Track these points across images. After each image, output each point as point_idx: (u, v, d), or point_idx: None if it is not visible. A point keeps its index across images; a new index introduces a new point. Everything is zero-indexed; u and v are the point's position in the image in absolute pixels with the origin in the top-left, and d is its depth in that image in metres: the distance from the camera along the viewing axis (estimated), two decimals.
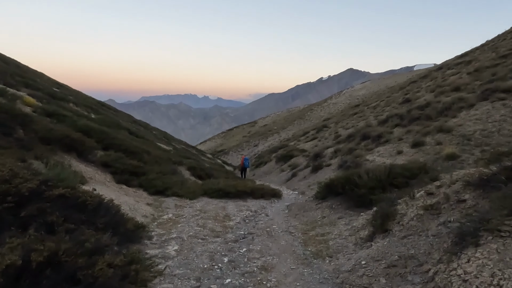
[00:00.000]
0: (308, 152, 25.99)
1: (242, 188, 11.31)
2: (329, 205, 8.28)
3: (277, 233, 6.71)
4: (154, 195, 10.07)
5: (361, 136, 17.15)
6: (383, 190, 7.17)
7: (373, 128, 18.00)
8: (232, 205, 9.95)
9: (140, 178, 10.50)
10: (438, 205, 4.45)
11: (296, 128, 74.65)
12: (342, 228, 6.35)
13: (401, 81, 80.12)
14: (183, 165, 16.03)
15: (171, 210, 8.53)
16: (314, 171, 16.43)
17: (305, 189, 14.24)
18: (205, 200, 10.29)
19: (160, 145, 21.82)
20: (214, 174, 17.12)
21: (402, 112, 17.58)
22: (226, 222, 7.62)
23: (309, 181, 15.53)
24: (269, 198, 11.73)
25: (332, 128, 36.17)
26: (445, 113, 13.90)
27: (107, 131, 12.69)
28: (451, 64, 36.37)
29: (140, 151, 13.02)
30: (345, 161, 14.22)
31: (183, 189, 10.57)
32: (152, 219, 7.45)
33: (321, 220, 7.48)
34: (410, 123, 15.10)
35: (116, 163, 10.19)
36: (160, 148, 19.61)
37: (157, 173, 11.37)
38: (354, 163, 13.20)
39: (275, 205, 10.85)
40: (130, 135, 18.42)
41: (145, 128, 50.67)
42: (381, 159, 12.71)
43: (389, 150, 13.36)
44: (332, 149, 18.76)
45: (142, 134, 23.92)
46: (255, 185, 12.54)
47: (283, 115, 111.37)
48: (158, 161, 13.34)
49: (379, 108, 33.22)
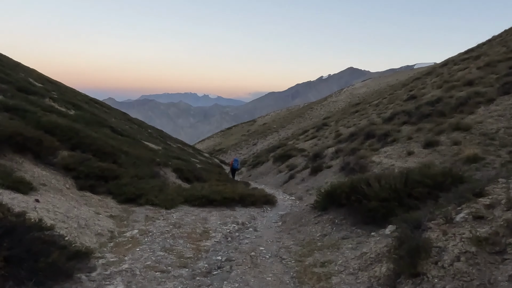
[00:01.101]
0: (307, 152, 24.47)
1: (230, 195, 9.78)
2: (331, 219, 6.75)
3: (264, 260, 5.19)
4: (124, 204, 8.55)
5: (365, 135, 15.62)
6: (400, 203, 5.65)
7: (377, 126, 16.48)
8: (216, 216, 8.43)
9: (110, 184, 8.98)
10: (498, 238, 2.93)
11: (296, 127, 73.23)
12: (349, 254, 4.83)
13: (402, 79, 78.56)
14: (169, 167, 14.50)
15: (139, 225, 7.00)
16: (313, 174, 14.91)
17: (303, 194, 12.72)
18: (184, 210, 8.76)
19: (148, 144, 20.30)
20: (204, 177, 15.59)
21: (409, 109, 16.06)
22: (202, 242, 6.09)
23: (307, 184, 14.00)
24: (261, 205, 10.21)
25: (333, 127, 34.66)
26: (460, 109, 12.38)
27: (78, 128, 11.15)
28: (456, 60, 34.88)
29: (116, 152, 11.49)
30: (347, 163, 12.70)
31: (160, 196, 9.05)
32: (108, 239, 5.93)
33: (321, 240, 5.96)
34: (420, 121, 13.57)
35: (80, 166, 8.66)
36: (147, 148, 18.10)
37: (132, 177, 9.84)
38: (358, 165, 11.68)
39: (267, 215, 9.33)
40: (112, 134, 16.89)
41: (140, 127, 49.20)
42: (389, 161, 11.20)
43: (397, 150, 11.83)
44: (333, 149, 17.24)
45: (129, 132, 22.39)
46: (246, 190, 11.02)
47: (283, 113, 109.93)
48: (136, 162, 11.80)
49: (382, 105, 31.70)
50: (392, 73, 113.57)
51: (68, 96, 27.06)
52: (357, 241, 5.37)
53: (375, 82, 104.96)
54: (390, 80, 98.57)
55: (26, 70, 36.04)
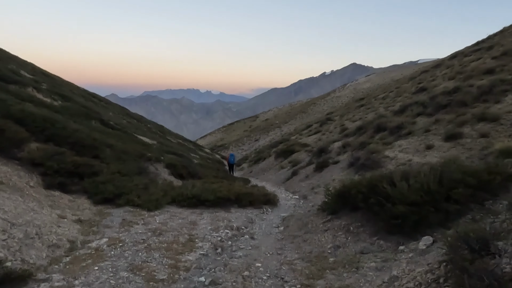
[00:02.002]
0: (311, 147, 23.20)
1: (225, 194, 8.54)
2: (344, 226, 5.51)
3: (260, 283, 3.96)
4: (100, 205, 7.34)
5: (375, 128, 14.33)
6: (436, 208, 4.40)
7: (388, 118, 15.17)
8: (207, 219, 7.21)
9: (85, 181, 7.77)
10: None
11: (299, 122, 71.88)
12: (374, 278, 3.59)
13: (407, 73, 76.89)
14: (161, 162, 13.28)
15: (110, 231, 5.79)
16: (319, 170, 13.64)
17: (308, 192, 11.47)
18: (170, 212, 7.54)
19: (142, 138, 19.09)
20: (200, 173, 14.37)
21: (423, 100, 14.74)
22: (184, 256, 4.86)
23: (312, 182, 12.74)
24: (260, 206, 8.96)
25: (337, 121, 33.30)
26: (484, 98, 11.06)
27: (56, 119, 9.94)
28: (467, 52, 33.39)
29: (99, 145, 10.28)
30: (357, 158, 11.42)
31: (143, 196, 7.83)
32: (66, 251, 4.72)
33: (334, 254, 4.72)
34: (437, 111, 12.26)
35: (49, 161, 7.44)
36: (140, 142, 16.89)
37: (113, 173, 8.63)
38: (370, 160, 10.41)
39: (267, 217, 8.09)
40: (102, 126, 15.70)
41: (139, 122, 48.23)
42: (405, 156, 9.91)
43: (414, 144, 10.54)
44: (340, 143, 15.95)
45: (124, 126, 21.20)
46: (243, 188, 9.77)
47: (285, 109, 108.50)
48: (122, 157, 10.59)
49: (389, 99, 30.30)
50: (397, 68, 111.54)
51: (60, 88, 25.90)
52: (382, 257, 4.13)
53: (379, 77, 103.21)
54: (394, 75, 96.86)
55: (21, 63, 35.00)
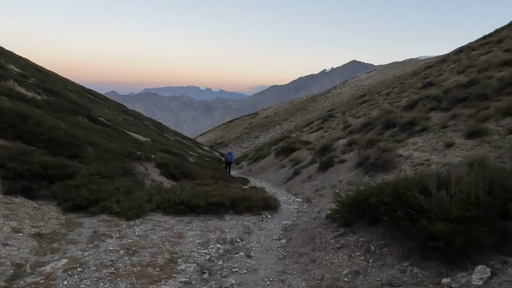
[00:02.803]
0: (313, 145, 22.13)
1: (218, 199, 7.45)
2: (362, 244, 4.43)
3: None
4: (72, 213, 6.26)
5: (383, 124, 13.23)
6: (490, 228, 3.32)
7: (397, 113, 14.07)
8: (197, 230, 6.13)
9: (56, 185, 6.69)
10: None
11: (299, 120, 70.84)
12: None
13: (409, 70, 75.67)
14: (151, 162, 12.21)
15: (75, 249, 4.71)
16: (323, 169, 12.56)
17: (312, 195, 10.39)
18: (154, 221, 6.47)
19: (134, 135, 18.00)
20: (194, 173, 13.29)
21: (435, 94, 13.63)
22: (160, 285, 3.79)
23: (316, 183, 11.66)
24: (259, 212, 7.88)
25: (339, 118, 32.19)
26: (507, 91, 9.97)
27: (30, 114, 8.85)
28: (474, 46, 32.27)
29: (80, 143, 9.19)
30: (366, 157, 10.33)
31: (123, 202, 6.75)
32: (7, 280, 3.66)
33: (353, 284, 3.65)
34: (453, 106, 11.16)
35: (11, 161, 6.36)
36: (131, 140, 15.81)
37: (91, 175, 7.55)
38: (381, 160, 9.32)
39: (267, 227, 7.02)
40: (89, 123, 14.61)
41: (136, 119, 47.32)
42: (421, 155, 8.83)
43: (431, 141, 9.44)
44: (345, 141, 14.86)
45: (116, 123, 20.11)
46: (240, 191, 8.67)
47: (285, 106, 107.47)
48: (105, 156, 9.50)
49: (394, 94, 29.18)
50: (398, 64, 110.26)
51: (51, 83, 24.81)
52: None
53: (381, 74, 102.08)
54: (396, 71, 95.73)
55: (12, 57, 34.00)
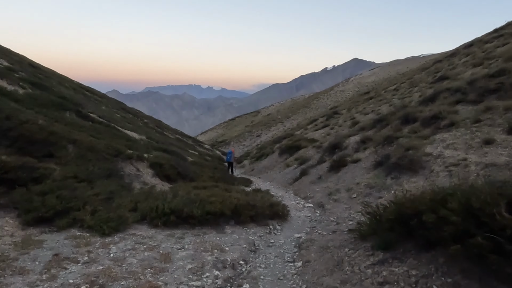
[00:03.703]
0: (320, 142, 20.81)
1: (217, 207, 6.18)
2: (417, 279, 3.15)
3: None
4: (34, 227, 5.02)
5: (401, 119, 11.92)
6: None
7: (414, 108, 12.77)
8: (189, 249, 4.87)
9: (17, 191, 5.45)
10: None
11: (301, 117, 69.55)
12: None
13: (413, 66, 74.12)
14: (144, 161, 10.97)
15: (21, 283, 3.47)
16: (335, 170, 11.27)
17: (324, 199, 9.11)
18: (137, 236, 5.22)
19: (129, 133, 16.75)
20: (192, 174, 12.05)
21: (458, 85, 12.32)
22: None
23: (328, 185, 10.37)
24: (265, 222, 6.62)
25: (345, 115, 30.86)
26: None
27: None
28: (486, 39, 30.87)
29: (57, 140, 7.95)
30: (386, 156, 9.05)
31: (102, 211, 5.51)
32: None
33: None
34: (484, 97, 9.86)
35: None
36: (124, 137, 14.55)
37: (65, 178, 6.31)
38: (406, 159, 8.03)
39: (276, 242, 5.76)
40: (78, 119, 13.38)
41: (135, 116, 46.41)
42: (455, 154, 7.54)
43: (463, 138, 8.15)
44: (357, 138, 13.56)
45: (110, 120, 18.87)
46: (243, 197, 7.39)
47: (287, 104, 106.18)
48: (87, 156, 8.25)
49: (403, 89, 27.81)
50: (402, 61, 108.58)
51: (45, 79, 23.60)
52: None
53: (384, 71, 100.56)
54: (400, 68, 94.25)
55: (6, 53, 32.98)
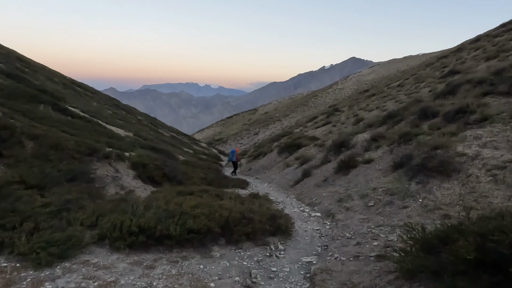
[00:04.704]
0: (322, 141, 19.42)
1: (203, 223, 4.74)
2: None
3: None
4: None
5: (418, 114, 10.53)
6: None
7: (430, 102, 11.39)
8: (159, 285, 3.47)
9: None
10: None
11: (300, 116, 68.24)
12: None
13: (413, 64, 72.83)
14: (125, 161, 9.53)
15: None
16: (343, 171, 9.87)
17: (333, 206, 7.70)
18: (89, 266, 3.78)
19: (113, 128, 15.29)
20: (180, 175, 10.60)
21: (481, 77, 10.96)
22: None
23: (336, 189, 8.96)
24: (264, 240, 5.21)
25: (347, 112, 29.48)
26: None
27: None
28: (495, 33, 29.65)
29: (8, 137, 6.50)
30: (407, 156, 7.66)
31: (44, 231, 4.07)
32: None
33: None
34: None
35: None
36: (107, 134, 13.09)
37: (6, 184, 4.87)
38: (435, 160, 6.63)
39: (279, 270, 4.34)
40: (54, 113, 11.91)
41: (128, 113, 45.47)
42: (496, 154, 6.15)
43: (504, 135, 6.76)
44: (366, 136, 12.16)
45: (95, 115, 17.41)
46: (237, 204, 5.95)
47: (285, 102, 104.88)
48: (48, 154, 6.80)
49: (408, 85, 26.44)
50: (402, 58, 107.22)
51: (25, 72, 22.11)
52: None
53: (384, 68, 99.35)
54: (400, 65, 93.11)
55: None
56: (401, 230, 3.65)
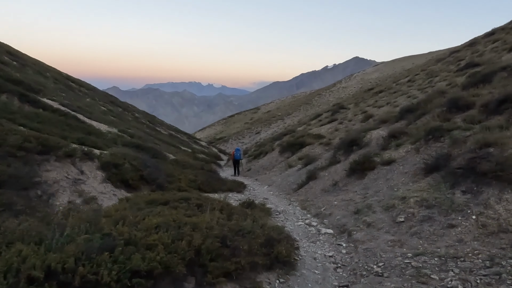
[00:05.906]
0: (328, 139, 17.71)
1: (158, 259, 3.08)
2: None
3: None
4: None
5: (446, 105, 8.80)
6: None
7: (457, 93, 9.66)
8: None
9: None
10: None
11: (303, 114, 66.53)
12: None
13: (419, 62, 70.77)
14: (94, 160, 7.87)
15: None
16: (358, 174, 8.15)
17: (349, 219, 6.00)
18: None
19: (94, 123, 13.64)
20: (163, 178, 8.91)
21: None
22: None
23: (350, 196, 7.25)
24: (254, 280, 3.53)
25: (353, 109, 27.72)
26: None
27: None
28: (510, 27, 27.92)
29: None
30: (443, 156, 5.96)
31: None
32: None
33: None
34: None
35: None
36: (84, 130, 11.45)
37: None
38: (485, 162, 4.93)
39: None
40: (17, 103, 10.28)
41: (125, 110, 44.33)
42: None
43: None
44: (382, 132, 10.45)
45: (76, 109, 15.80)
46: (221, 223, 4.29)
47: (288, 100, 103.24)
48: None
49: (421, 80, 24.64)
50: (407, 56, 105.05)
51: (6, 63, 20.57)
52: None
53: (389, 67, 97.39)
54: (405, 64, 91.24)
55: None
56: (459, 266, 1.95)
